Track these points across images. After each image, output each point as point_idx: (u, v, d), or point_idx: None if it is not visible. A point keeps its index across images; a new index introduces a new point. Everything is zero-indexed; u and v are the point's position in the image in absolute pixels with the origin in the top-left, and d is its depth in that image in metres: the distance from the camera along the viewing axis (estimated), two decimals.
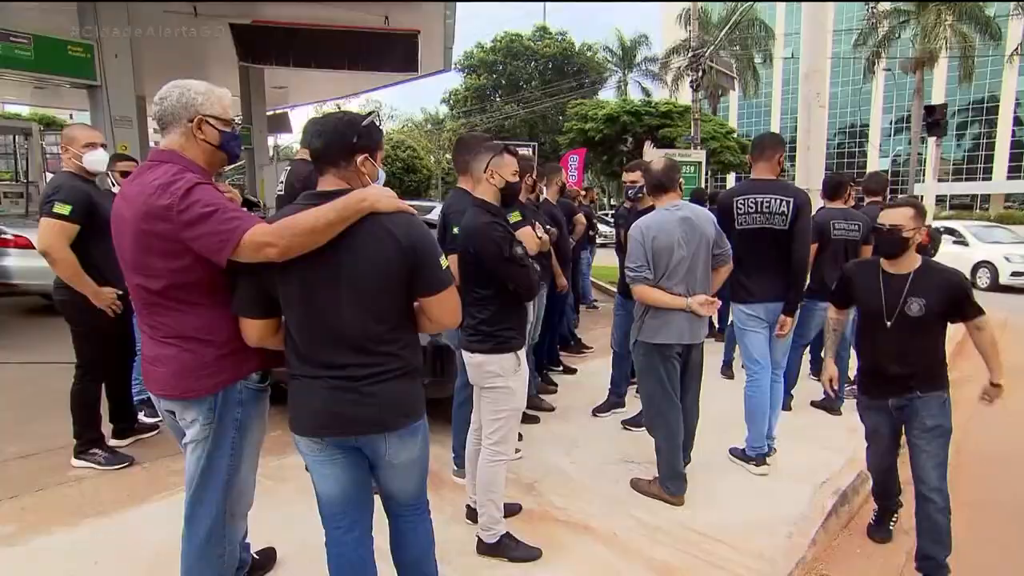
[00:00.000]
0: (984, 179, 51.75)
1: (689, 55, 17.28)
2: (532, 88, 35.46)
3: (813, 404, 4.94)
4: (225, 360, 1.86)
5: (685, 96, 24.27)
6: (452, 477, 3.54)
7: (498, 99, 36.70)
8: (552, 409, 4.73)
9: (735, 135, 28.88)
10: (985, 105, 51.51)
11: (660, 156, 3.91)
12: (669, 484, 3.27)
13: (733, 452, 3.87)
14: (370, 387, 1.75)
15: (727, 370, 5.70)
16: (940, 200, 49.67)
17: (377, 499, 2.04)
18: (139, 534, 2.92)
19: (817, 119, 7.81)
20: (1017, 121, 50.84)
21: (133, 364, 3.91)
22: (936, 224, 13.42)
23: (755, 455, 3.73)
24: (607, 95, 39.92)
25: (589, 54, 37.66)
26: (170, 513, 2.59)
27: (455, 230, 2.87)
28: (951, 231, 13.59)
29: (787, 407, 4.75)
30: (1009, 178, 50.61)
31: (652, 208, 3.32)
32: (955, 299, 2.65)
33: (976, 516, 3.51)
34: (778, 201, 3.51)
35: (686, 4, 17.80)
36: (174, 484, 3.34)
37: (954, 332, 8.53)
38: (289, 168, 3.39)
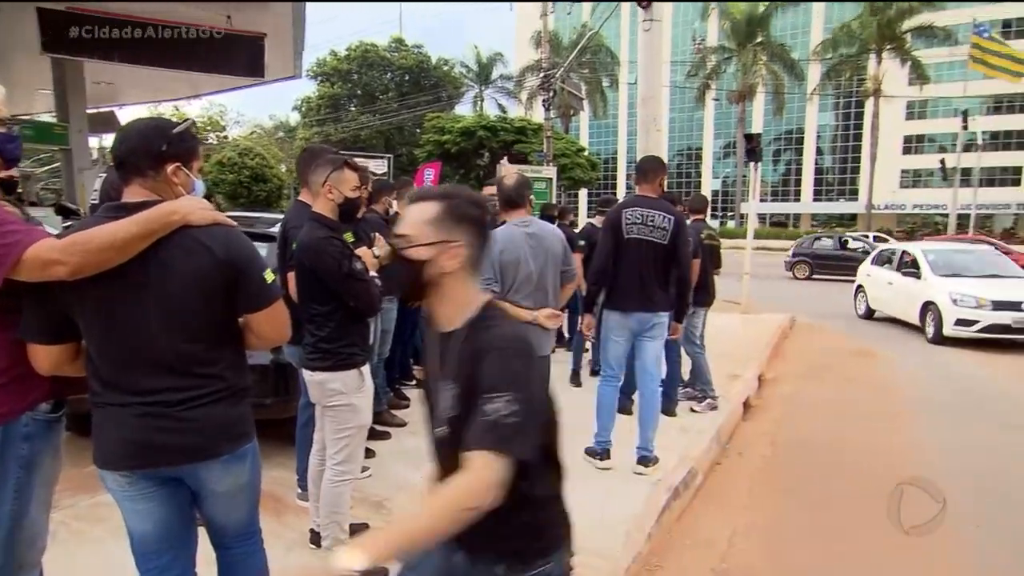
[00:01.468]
0: (795, 200, 58.88)
1: (541, 75, 18.03)
2: (388, 99, 35.06)
3: None
4: (3, 391, 1.64)
5: (539, 114, 25.20)
6: (296, 501, 3.38)
7: (353, 109, 35.85)
8: (404, 424, 4.67)
9: (585, 153, 30.55)
10: (794, 135, 58.78)
11: (514, 171, 4.05)
12: None
13: (587, 451, 4.07)
14: (187, 412, 1.63)
15: (575, 379, 5.95)
16: (761, 218, 55.91)
17: (203, 531, 1.89)
18: None
19: (655, 142, 8.42)
20: (819, 151, 58.52)
21: None
22: (900, 246, 11.75)
23: (600, 449, 3.98)
24: (464, 110, 40.56)
25: (446, 68, 38.01)
26: None
27: (295, 245, 2.75)
28: (909, 260, 10.40)
29: (672, 412, 5.03)
30: (814, 200, 58.03)
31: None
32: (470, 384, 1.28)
33: (787, 502, 3.95)
34: (661, 217, 3.80)
35: (538, 26, 18.54)
36: None
37: (771, 330, 9.52)
38: (104, 175, 3.07)
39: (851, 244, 19.93)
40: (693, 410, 5.18)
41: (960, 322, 8.77)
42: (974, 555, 3.33)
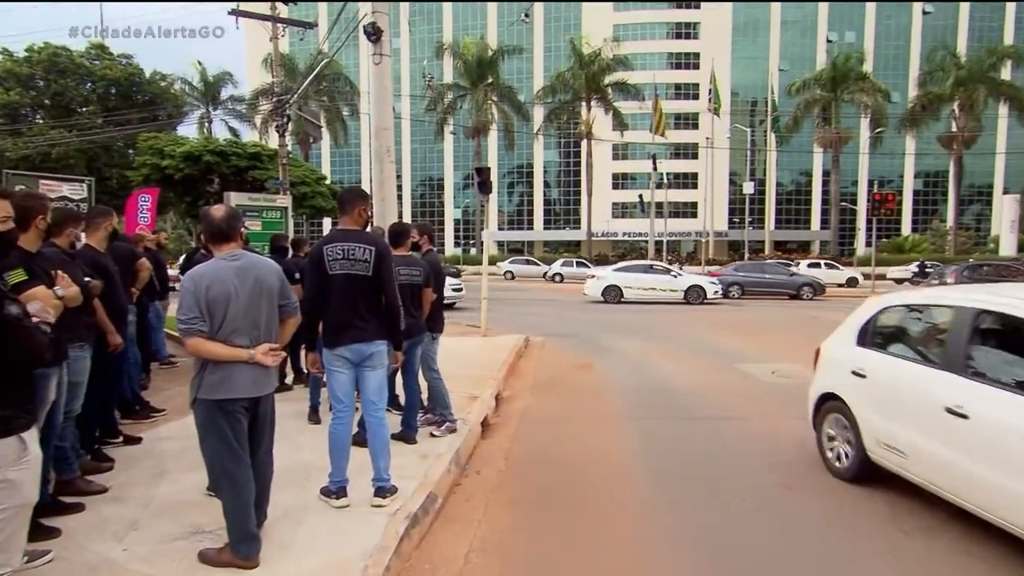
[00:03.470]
0: (528, 229, 64.67)
1: (274, 100, 17.22)
2: (90, 114, 30.28)
3: (393, 437, 5.28)
4: None
5: (275, 139, 24.08)
6: None
7: (40, 121, 30.15)
8: (104, 490, 3.99)
9: (327, 181, 29.81)
10: (525, 170, 64.79)
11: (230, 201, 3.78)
12: (240, 547, 3.07)
13: (323, 491, 3.91)
14: None
15: (314, 416, 5.70)
16: (500, 245, 60.24)
17: None
18: None
19: (388, 172, 8.58)
20: (547, 184, 65.24)
21: None
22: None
23: (335, 488, 3.85)
24: (189, 131, 36.89)
25: (163, 84, 34.15)
26: None
27: None
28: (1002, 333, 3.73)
29: (412, 440, 5.07)
30: (545, 228, 64.37)
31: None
32: None
33: (518, 512, 4.22)
34: (361, 249, 3.78)
35: (270, 48, 17.71)
36: None
37: (507, 351, 10.18)
38: None
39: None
40: (433, 435, 5.30)
41: None
42: (669, 535, 3.92)
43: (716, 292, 20.82)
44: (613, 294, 20.39)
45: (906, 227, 60.08)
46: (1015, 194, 46.58)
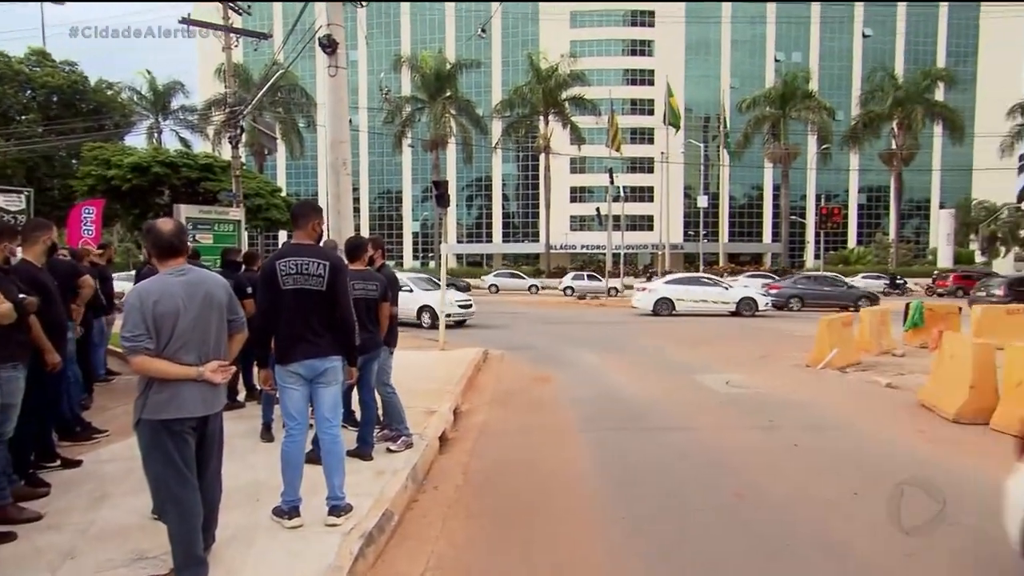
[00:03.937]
0: (488, 241, 64.77)
1: (227, 111, 16.88)
2: (29, 122, 29.08)
3: (348, 453, 5.18)
4: None
5: (229, 151, 23.57)
6: None
7: None
8: (38, 517, 3.79)
9: (283, 193, 29.29)
10: (483, 183, 65.01)
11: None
12: (186, 573, 2.95)
13: (275, 511, 3.80)
14: None
15: (267, 433, 5.55)
16: (459, 258, 60.15)
17: None
18: None
19: (345, 185, 8.46)
20: (505, 197, 65.54)
21: None
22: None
23: (288, 507, 3.75)
24: (138, 141, 35.83)
25: (109, 93, 33.07)
26: None
27: None
28: None
29: (369, 456, 4.98)
30: (504, 241, 64.55)
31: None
32: None
33: (475, 527, 4.17)
34: (315, 264, 3.72)
35: (223, 58, 17.37)
36: None
37: (465, 364, 10.13)
38: None
39: None
40: (390, 450, 5.21)
41: None
42: (628, 548, 3.92)
43: (767, 304, 21.45)
44: (665, 306, 20.66)
45: (852, 240, 62.42)
46: (950, 209, 49.05)
